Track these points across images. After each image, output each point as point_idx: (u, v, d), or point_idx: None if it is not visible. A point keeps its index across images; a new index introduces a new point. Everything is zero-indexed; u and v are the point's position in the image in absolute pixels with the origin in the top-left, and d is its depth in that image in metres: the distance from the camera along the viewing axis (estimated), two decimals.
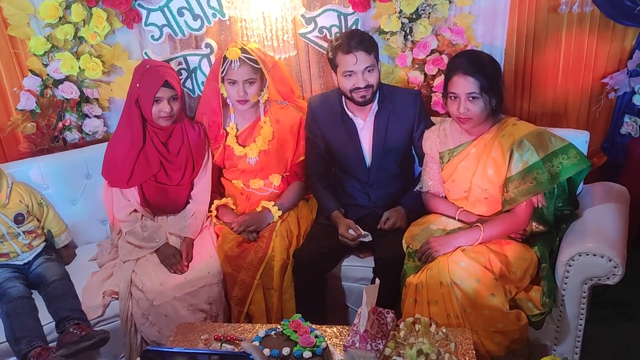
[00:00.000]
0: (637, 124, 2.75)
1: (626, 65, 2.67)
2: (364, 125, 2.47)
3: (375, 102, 2.43)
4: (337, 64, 2.34)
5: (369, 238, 2.40)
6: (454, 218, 2.33)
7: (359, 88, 2.31)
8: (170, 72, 2.44)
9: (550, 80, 2.76)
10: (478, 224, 2.20)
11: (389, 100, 2.44)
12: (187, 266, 2.40)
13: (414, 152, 2.57)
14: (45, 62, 2.70)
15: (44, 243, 2.53)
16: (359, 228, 2.40)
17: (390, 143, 2.45)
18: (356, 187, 2.55)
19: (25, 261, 2.45)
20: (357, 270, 2.48)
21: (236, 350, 1.93)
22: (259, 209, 2.58)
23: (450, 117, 2.27)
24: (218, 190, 2.72)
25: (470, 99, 2.12)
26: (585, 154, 2.41)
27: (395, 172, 2.51)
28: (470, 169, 2.24)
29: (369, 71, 2.30)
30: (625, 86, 2.69)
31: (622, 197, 2.44)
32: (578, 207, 2.29)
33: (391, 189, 2.52)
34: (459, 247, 2.17)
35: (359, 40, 2.27)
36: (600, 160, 2.87)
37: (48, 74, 2.70)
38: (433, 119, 2.55)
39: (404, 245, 2.30)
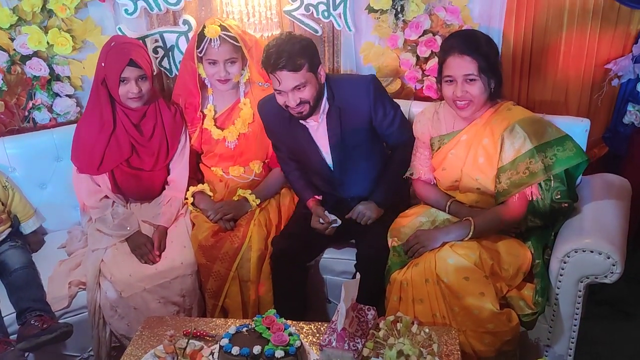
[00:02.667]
0: None
1: (631, 50, 2.54)
2: (318, 126, 2.28)
3: (324, 100, 2.24)
4: (269, 76, 2.16)
5: (337, 222, 2.28)
6: (444, 210, 2.20)
7: (290, 106, 2.14)
8: (137, 50, 2.29)
9: (550, 65, 2.64)
10: (469, 217, 2.06)
11: (339, 96, 2.24)
12: (159, 256, 2.30)
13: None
14: (12, 37, 2.56)
15: (10, 229, 2.41)
16: (327, 215, 2.28)
17: (349, 140, 2.27)
18: (327, 186, 2.41)
19: None
20: (337, 263, 2.38)
21: (205, 347, 1.82)
22: (235, 197, 2.47)
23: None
24: (196, 177, 2.60)
25: (468, 80, 1.99)
26: (585, 143, 2.33)
27: (364, 167, 2.34)
28: (460, 158, 2.12)
29: (299, 89, 2.10)
30: (629, 73, 2.58)
31: (624, 191, 2.33)
32: (577, 200, 2.17)
33: (363, 184, 2.36)
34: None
35: (285, 58, 2.03)
36: (601, 151, 2.76)
37: (15, 49, 2.57)
38: (425, 104, 2.40)
39: (389, 240, 2.18)
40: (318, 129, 2.29)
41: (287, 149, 2.42)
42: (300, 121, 2.25)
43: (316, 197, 2.38)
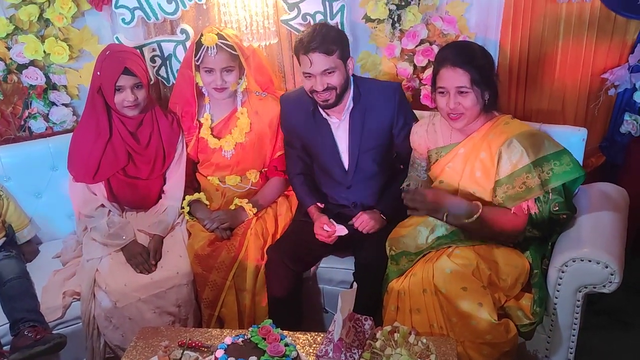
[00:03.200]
0: (637, 123, 2.63)
1: (627, 60, 2.55)
2: (340, 124, 2.32)
3: (350, 98, 2.28)
4: (299, 62, 2.21)
5: (344, 231, 2.27)
6: (442, 219, 2.18)
7: (317, 91, 2.17)
8: (132, 58, 2.29)
9: (547, 75, 2.65)
10: (478, 203, 2.01)
11: (365, 96, 2.28)
12: (155, 265, 2.28)
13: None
14: (9, 46, 2.57)
15: (4, 238, 2.39)
16: (333, 223, 2.27)
17: (367, 142, 2.30)
18: (335, 189, 2.41)
19: None
20: (336, 272, 2.36)
21: (200, 357, 1.79)
22: (232, 206, 2.45)
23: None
24: (192, 186, 2.58)
25: (460, 93, 1.98)
26: (583, 152, 2.32)
27: (375, 172, 2.36)
28: (457, 171, 2.10)
29: (328, 74, 2.15)
30: (626, 82, 2.58)
31: (621, 200, 2.32)
32: (575, 212, 2.16)
33: (372, 189, 2.37)
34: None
35: (319, 41, 2.10)
36: (598, 160, 2.76)
37: (11, 58, 2.57)
38: (422, 113, 2.41)
39: (387, 248, 2.17)
40: (339, 126, 2.31)
41: (301, 146, 2.42)
42: (324, 116, 2.28)
43: (318, 204, 2.37)
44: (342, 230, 2.27)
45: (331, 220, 2.28)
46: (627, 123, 2.64)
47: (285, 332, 1.82)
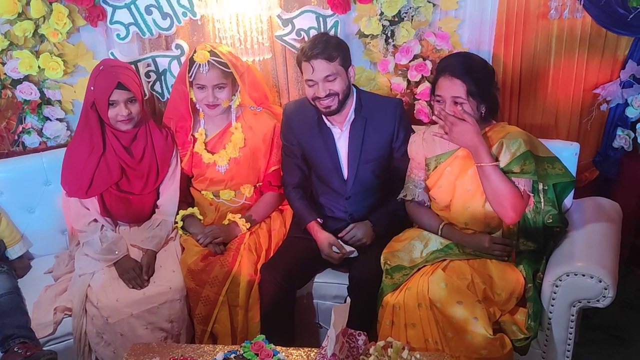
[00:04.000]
0: (630, 138, 2.64)
1: (619, 75, 2.56)
2: (341, 134, 2.35)
3: (352, 110, 2.31)
4: (302, 71, 2.24)
5: (355, 254, 2.28)
6: (437, 233, 2.19)
7: (320, 97, 2.20)
8: (125, 73, 2.29)
9: (539, 90, 2.67)
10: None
11: (366, 109, 2.31)
12: (148, 281, 2.26)
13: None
14: (3, 61, 2.58)
15: None
16: (343, 245, 2.28)
17: (367, 153, 2.32)
18: (333, 199, 2.41)
19: None
20: (330, 287, 2.34)
21: None
22: (225, 221, 2.45)
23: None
24: (186, 201, 2.57)
25: (455, 103, 1.99)
26: (576, 166, 2.35)
27: (374, 184, 2.37)
28: (454, 172, 2.12)
29: (330, 80, 2.18)
30: (617, 97, 2.59)
31: (614, 214, 2.33)
32: (567, 225, 2.16)
33: (369, 201, 2.38)
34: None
35: (321, 47, 2.15)
36: (592, 174, 2.77)
37: (6, 74, 2.58)
38: (416, 128, 2.42)
39: (382, 262, 2.16)
40: (341, 137, 2.34)
41: (301, 154, 2.43)
42: (328, 125, 2.31)
43: (318, 219, 2.38)
44: (351, 253, 2.28)
45: (339, 241, 2.29)
46: (619, 138, 2.65)
47: (278, 348, 1.81)
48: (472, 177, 2.07)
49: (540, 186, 2.06)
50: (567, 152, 2.28)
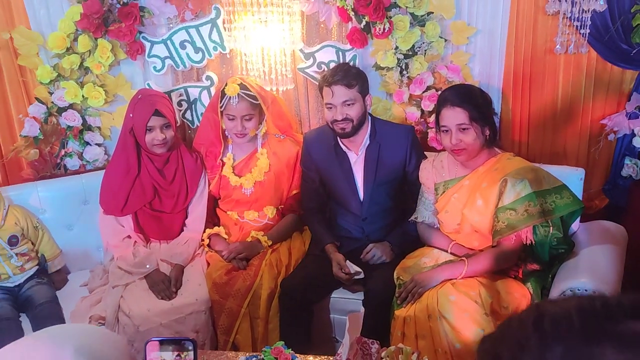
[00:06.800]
0: (637, 167, 2.71)
1: (625, 107, 2.65)
2: (357, 159, 2.49)
3: (367, 136, 2.46)
4: (322, 96, 2.41)
5: (361, 275, 2.39)
6: (447, 251, 2.30)
7: (337, 120, 2.36)
8: (161, 101, 2.47)
9: (548, 121, 2.75)
10: (464, 257, 2.17)
11: (380, 134, 2.47)
12: (175, 293, 2.39)
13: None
14: (51, 91, 2.78)
15: (37, 267, 2.54)
16: (348, 266, 2.39)
17: (382, 177, 2.47)
18: (350, 221, 2.55)
19: (16, 283, 2.46)
20: (346, 302, 2.43)
21: None
22: (249, 238, 2.59)
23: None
24: (212, 221, 2.72)
25: (461, 129, 2.13)
26: (581, 190, 2.42)
27: (389, 205, 2.51)
28: (462, 200, 2.23)
29: (348, 105, 2.35)
30: (624, 128, 2.67)
31: (620, 237, 2.39)
32: (573, 247, 2.25)
33: (385, 222, 2.51)
34: (445, 280, 2.12)
35: (341, 75, 2.33)
36: (602, 202, 2.82)
37: (53, 102, 2.78)
38: (429, 154, 2.55)
39: (395, 277, 2.27)
40: (356, 161, 2.49)
41: (319, 180, 2.58)
42: (344, 149, 2.46)
43: (335, 242, 2.50)
44: (358, 274, 2.38)
45: (347, 262, 2.40)
46: (627, 167, 2.72)
47: (296, 354, 1.92)
48: (480, 210, 2.17)
49: None
50: (573, 178, 2.35)
